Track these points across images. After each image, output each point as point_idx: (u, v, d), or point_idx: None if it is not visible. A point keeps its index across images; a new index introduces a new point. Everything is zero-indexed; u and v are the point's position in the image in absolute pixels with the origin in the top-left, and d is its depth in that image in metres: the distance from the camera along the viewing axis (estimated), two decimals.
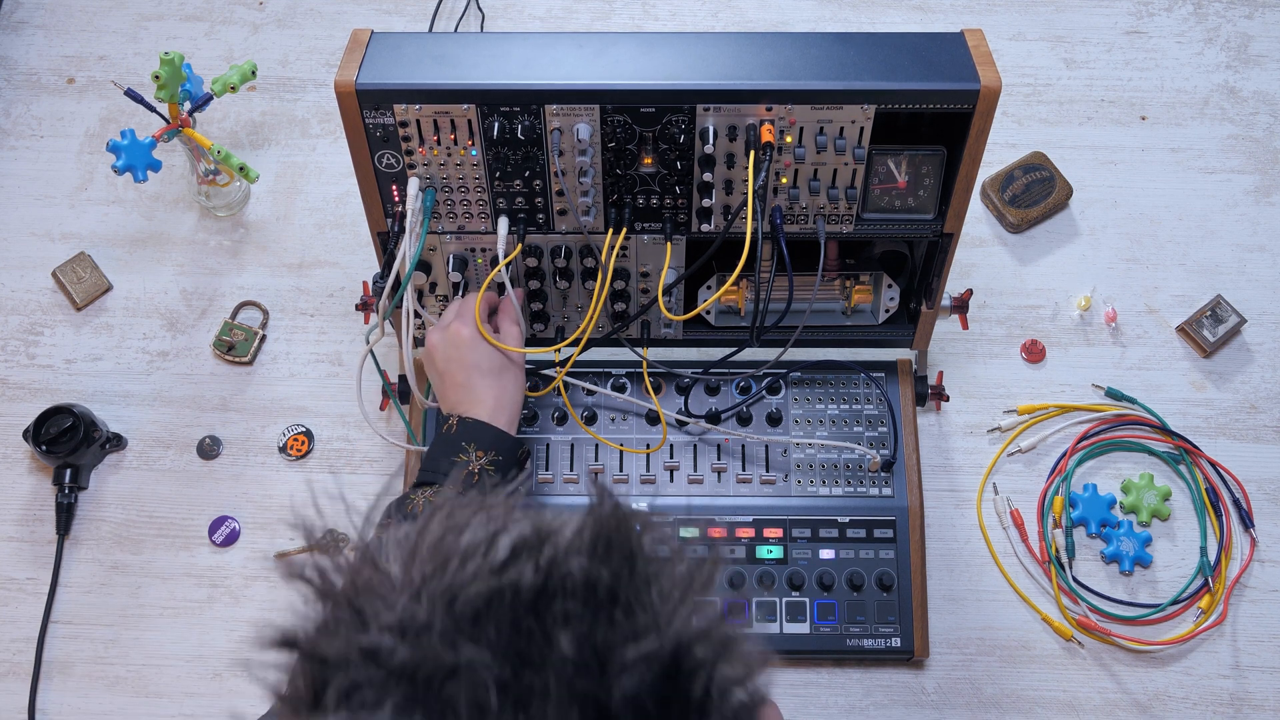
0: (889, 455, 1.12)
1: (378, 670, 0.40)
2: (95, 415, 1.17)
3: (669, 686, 0.41)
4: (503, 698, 0.40)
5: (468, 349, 0.98)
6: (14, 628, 1.12)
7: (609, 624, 0.42)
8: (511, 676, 0.40)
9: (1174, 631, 1.11)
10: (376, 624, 0.41)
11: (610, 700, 0.40)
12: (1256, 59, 1.42)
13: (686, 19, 1.46)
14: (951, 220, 1.01)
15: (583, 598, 0.42)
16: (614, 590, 0.43)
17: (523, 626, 0.41)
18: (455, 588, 0.42)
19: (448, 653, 0.40)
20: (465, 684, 0.40)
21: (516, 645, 0.40)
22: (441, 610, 0.41)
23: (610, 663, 0.41)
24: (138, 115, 1.30)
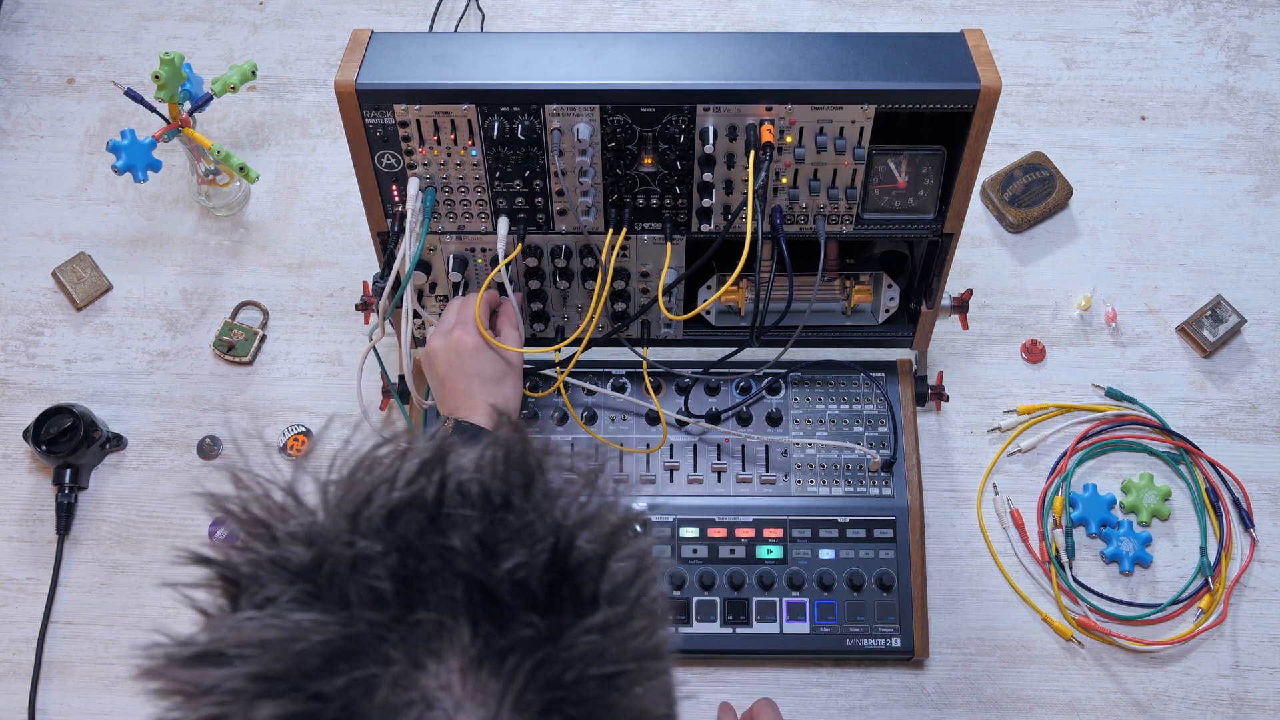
0: (889, 455, 1.12)
1: (284, 574, 0.44)
2: (95, 415, 1.17)
3: (555, 575, 0.44)
4: (395, 585, 0.43)
5: (470, 357, 0.98)
6: (14, 628, 1.12)
7: (499, 523, 0.45)
8: (402, 565, 0.43)
9: (1174, 631, 1.11)
10: (285, 538, 0.45)
11: (495, 583, 0.43)
12: (1256, 59, 1.42)
13: (686, 19, 1.46)
14: (951, 220, 1.01)
15: (479, 505, 0.45)
16: (507, 498, 0.46)
17: (418, 528, 0.44)
18: (359, 504, 0.45)
19: (346, 550, 0.44)
20: (361, 574, 0.43)
21: (410, 542, 0.44)
22: (345, 522, 0.45)
23: (497, 553, 0.44)
24: (138, 115, 1.30)
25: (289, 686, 0.41)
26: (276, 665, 0.42)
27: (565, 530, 0.46)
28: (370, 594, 0.43)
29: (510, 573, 0.44)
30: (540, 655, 0.43)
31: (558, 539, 0.45)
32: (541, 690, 0.42)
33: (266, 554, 0.45)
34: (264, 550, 0.45)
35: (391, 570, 0.43)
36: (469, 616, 0.43)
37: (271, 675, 0.42)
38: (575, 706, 0.43)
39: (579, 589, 0.45)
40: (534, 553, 0.44)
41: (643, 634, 0.46)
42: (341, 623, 0.42)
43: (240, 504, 0.47)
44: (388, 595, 0.43)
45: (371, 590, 0.43)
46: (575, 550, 0.45)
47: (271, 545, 0.45)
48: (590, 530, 0.46)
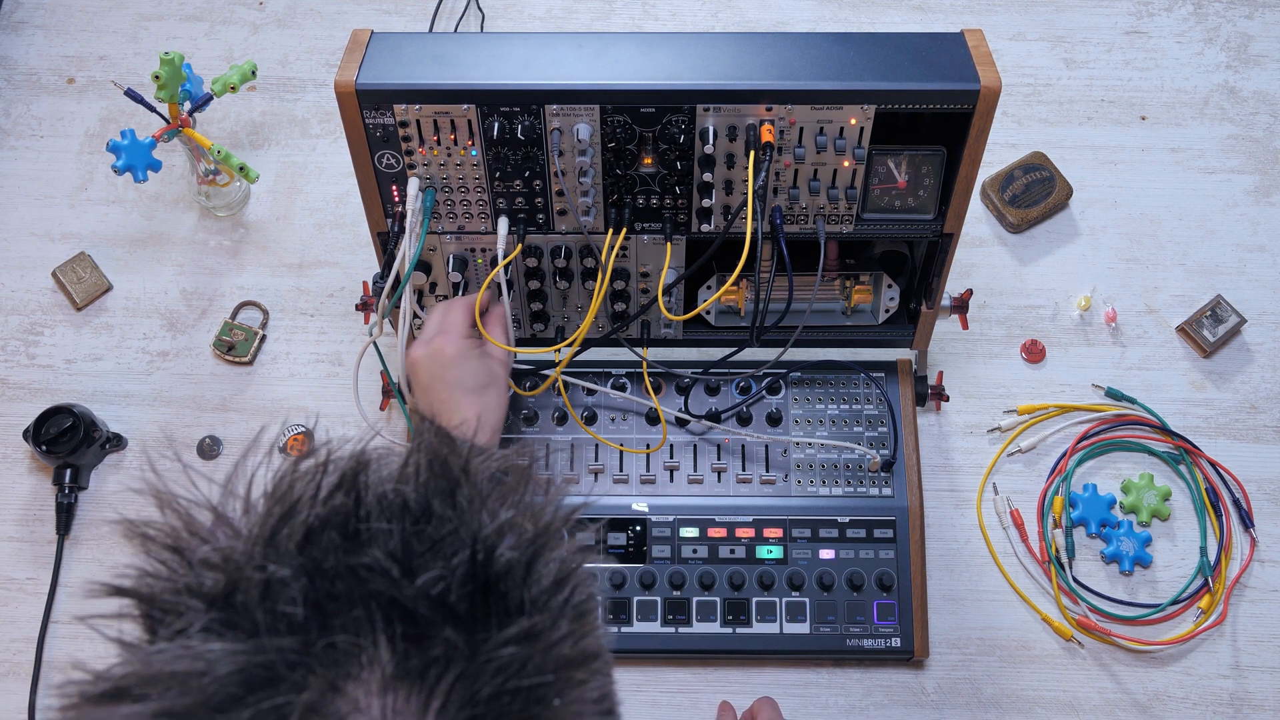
0: (889, 455, 1.12)
1: (198, 602, 0.43)
2: (95, 415, 1.17)
3: (475, 585, 0.43)
4: (307, 609, 0.42)
5: (450, 366, 0.95)
6: (14, 628, 1.12)
7: (417, 536, 0.44)
8: (312, 588, 0.43)
9: (1174, 631, 1.11)
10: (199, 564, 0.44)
11: (410, 601, 0.42)
12: (1256, 59, 1.42)
13: (686, 19, 1.46)
14: (951, 220, 1.01)
15: (398, 516, 0.45)
16: (427, 508, 0.45)
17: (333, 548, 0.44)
18: (276, 525, 0.44)
19: (258, 575, 0.43)
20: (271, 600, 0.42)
21: (322, 564, 0.43)
22: (260, 545, 0.44)
23: (413, 568, 0.43)
24: (138, 115, 1.30)
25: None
26: (185, 699, 0.41)
27: (485, 538, 0.45)
28: (282, 620, 0.42)
29: (426, 588, 0.43)
30: (458, 670, 0.42)
31: (475, 548, 0.44)
32: (461, 706, 0.41)
33: (182, 579, 0.44)
34: (179, 577, 0.44)
35: (304, 594, 0.43)
36: (386, 635, 0.42)
37: (179, 711, 0.41)
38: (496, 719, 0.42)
39: (504, 597, 0.44)
40: (451, 565, 0.43)
41: (567, 640, 0.45)
42: (251, 651, 0.41)
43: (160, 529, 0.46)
44: (299, 620, 0.42)
45: (283, 616, 0.42)
46: (496, 559, 0.44)
47: (187, 571, 0.44)
48: (513, 536, 0.45)
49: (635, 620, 1.07)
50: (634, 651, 1.08)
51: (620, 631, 1.07)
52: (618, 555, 1.09)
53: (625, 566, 1.09)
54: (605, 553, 1.10)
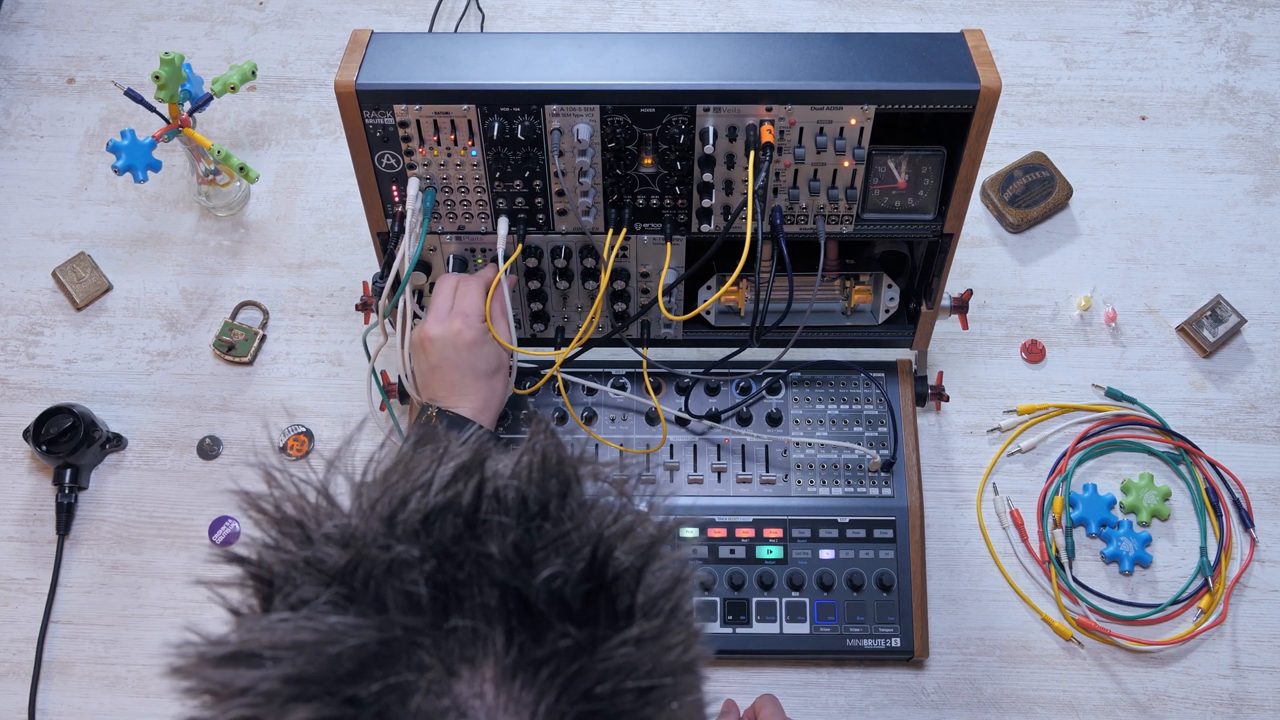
0: (889, 455, 1.12)
1: (319, 575, 0.44)
2: (95, 415, 1.17)
3: (592, 585, 0.44)
4: (431, 590, 0.43)
5: (467, 351, 0.98)
6: (14, 628, 1.12)
7: (536, 532, 0.45)
8: (438, 570, 0.43)
9: (1174, 631, 1.11)
10: (320, 539, 0.45)
11: (531, 592, 0.43)
12: (1256, 59, 1.42)
13: (686, 19, 1.46)
14: (951, 220, 1.01)
15: (515, 513, 0.45)
16: (544, 506, 0.46)
17: (455, 534, 0.44)
18: (395, 507, 0.45)
19: (382, 554, 0.43)
20: (397, 578, 0.43)
21: (447, 547, 0.44)
22: (381, 525, 0.45)
23: (534, 562, 0.44)
24: (138, 115, 1.30)
25: (323, 690, 0.41)
26: (310, 668, 0.41)
27: (603, 541, 0.45)
28: (406, 599, 0.43)
29: (547, 582, 0.43)
30: (575, 667, 0.42)
31: (595, 550, 0.45)
32: (575, 702, 0.42)
33: (301, 555, 0.45)
34: (298, 551, 0.45)
35: (428, 575, 0.43)
36: (504, 625, 0.42)
37: (305, 678, 0.41)
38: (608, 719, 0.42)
39: (615, 600, 0.45)
40: (571, 563, 0.44)
41: (678, 648, 0.45)
42: (377, 627, 0.42)
43: (274, 503, 0.46)
44: (424, 601, 0.43)
45: (407, 595, 0.43)
46: (613, 561, 0.45)
47: (305, 546, 0.45)
48: (628, 542, 0.46)
49: None
50: None
51: None
52: None
53: None
54: None
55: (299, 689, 0.41)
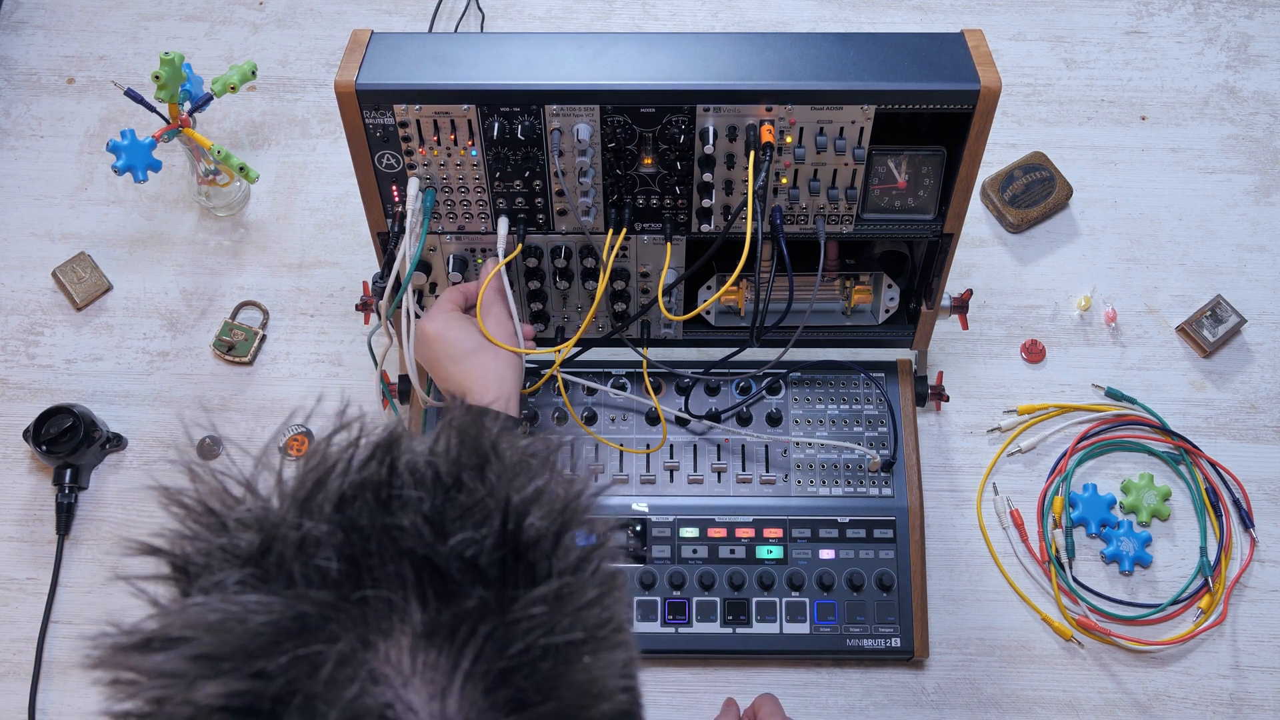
0: (889, 455, 1.12)
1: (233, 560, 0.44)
2: (95, 415, 1.17)
3: (506, 551, 0.45)
4: (342, 564, 0.43)
5: (434, 343, 0.99)
6: (14, 628, 1.12)
7: (449, 503, 0.45)
8: (348, 544, 0.44)
9: (1174, 631, 1.11)
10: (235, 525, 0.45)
11: (442, 560, 0.43)
12: (1256, 59, 1.42)
13: (686, 19, 1.46)
14: (951, 220, 1.01)
15: (428, 487, 0.46)
16: (459, 478, 0.46)
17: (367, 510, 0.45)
18: (311, 489, 0.45)
19: (293, 533, 0.44)
20: (308, 554, 0.43)
21: (358, 523, 0.44)
22: (295, 507, 0.45)
23: (446, 532, 0.44)
24: (138, 115, 1.30)
25: (231, 666, 0.41)
26: (219, 645, 0.42)
27: (516, 506, 0.46)
28: (317, 574, 0.43)
29: (458, 549, 0.44)
30: (488, 628, 0.43)
31: (506, 516, 0.45)
32: (491, 662, 0.42)
33: (216, 542, 0.45)
34: (213, 538, 0.45)
35: (338, 550, 0.44)
36: (418, 594, 0.43)
37: (213, 655, 0.41)
38: (525, 678, 0.43)
39: (533, 566, 0.45)
40: (482, 530, 0.45)
41: (594, 605, 0.46)
42: (287, 602, 0.42)
43: (195, 496, 0.47)
44: (334, 574, 0.43)
45: (318, 570, 0.43)
46: (526, 527, 0.46)
47: (221, 533, 0.45)
48: (542, 507, 0.47)
49: (635, 620, 1.07)
50: None
51: None
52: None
53: (625, 566, 1.09)
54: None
55: (207, 666, 0.41)
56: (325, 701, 0.40)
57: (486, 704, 0.42)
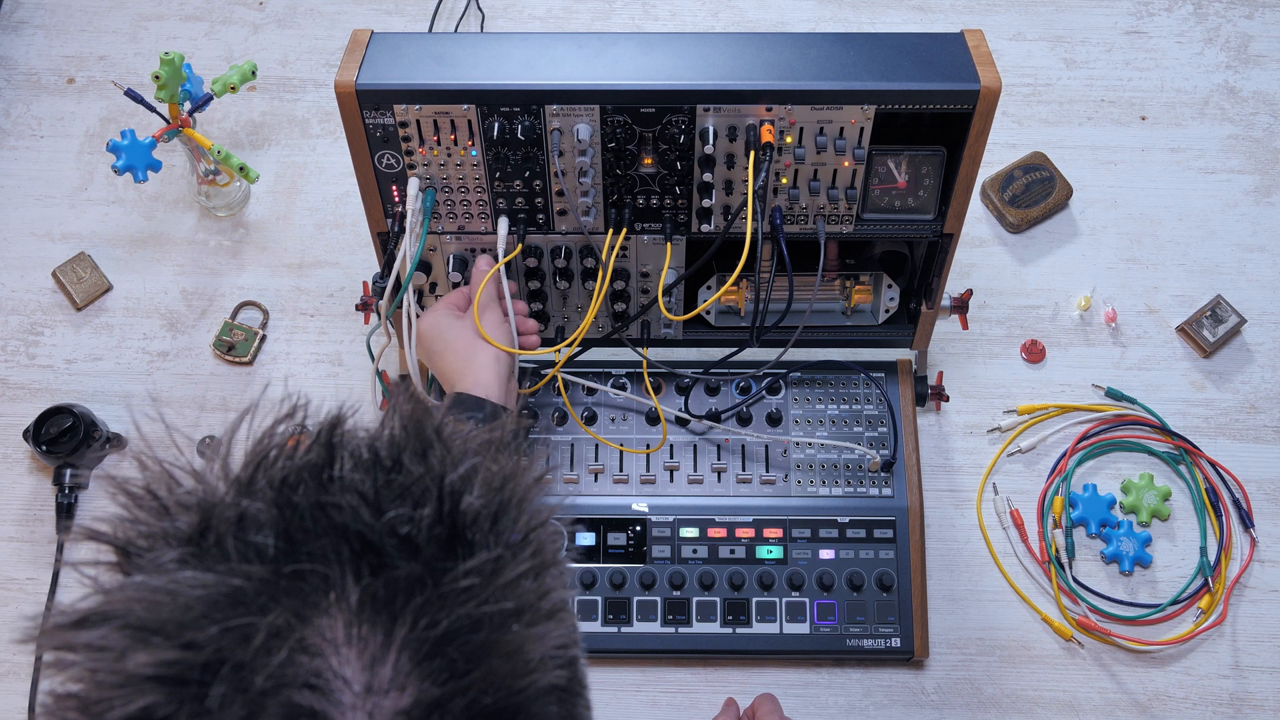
0: (889, 455, 1.12)
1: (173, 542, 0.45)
2: (95, 415, 1.17)
3: (443, 529, 0.46)
4: (278, 541, 0.44)
5: (428, 341, 1.01)
6: (14, 628, 1.12)
7: (387, 485, 0.46)
8: (282, 519, 0.44)
9: (1174, 631, 1.11)
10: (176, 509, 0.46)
11: (376, 535, 0.44)
12: (1256, 59, 1.42)
13: (686, 19, 1.46)
14: (951, 220, 1.01)
15: (368, 468, 0.47)
16: (398, 461, 0.47)
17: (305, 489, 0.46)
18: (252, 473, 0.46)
19: (231, 511, 0.45)
20: (244, 531, 0.44)
21: (294, 501, 0.45)
22: (234, 489, 0.46)
23: (382, 510, 0.45)
24: (138, 115, 1.30)
25: (161, 637, 0.42)
26: (149, 618, 0.42)
27: (452, 485, 0.46)
28: (253, 550, 0.44)
29: (392, 524, 0.45)
30: (421, 599, 0.43)
31: (442, 495, 0.46)
32: (424, 631, 0.43)
33: (158, 525, 0.46)
34: (155, 522, 0.46)
35: (275, 527, 0.44)
36: (353, 569, 0.44)
37: (144, 626, 0.42)
38: (457, 648, 0.43)
39: (471, 545, 0.46)
40: (421, 510, 0.45)
41: (527, 577, 0.47)
42: (220, 577, 0.43)
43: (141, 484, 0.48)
44: (270, 551, 0.44)
45: (254, 547, 0.44)
46: (463, 507, 0.46)
47: (163, 517, 0.46)
48: (479, 487, 0.47)
49: (635, 620, 1.07)
50: (634, 651, 1.08)
51: (620, 631, 1.07)
52: (618, 555, 1.09)
53: (625, 566, 1.09)
54: (604, 553, 1.10)
55: (137, 636, 0.42)
56: (253, 670, 0.41)
57: (419, 673, 0.42)
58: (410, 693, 0.42)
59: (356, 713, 0.41)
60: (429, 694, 0.42)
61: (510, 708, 0.44)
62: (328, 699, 0.41)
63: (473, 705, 0.43)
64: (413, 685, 0.42)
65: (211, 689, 0.41)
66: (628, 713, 1.08)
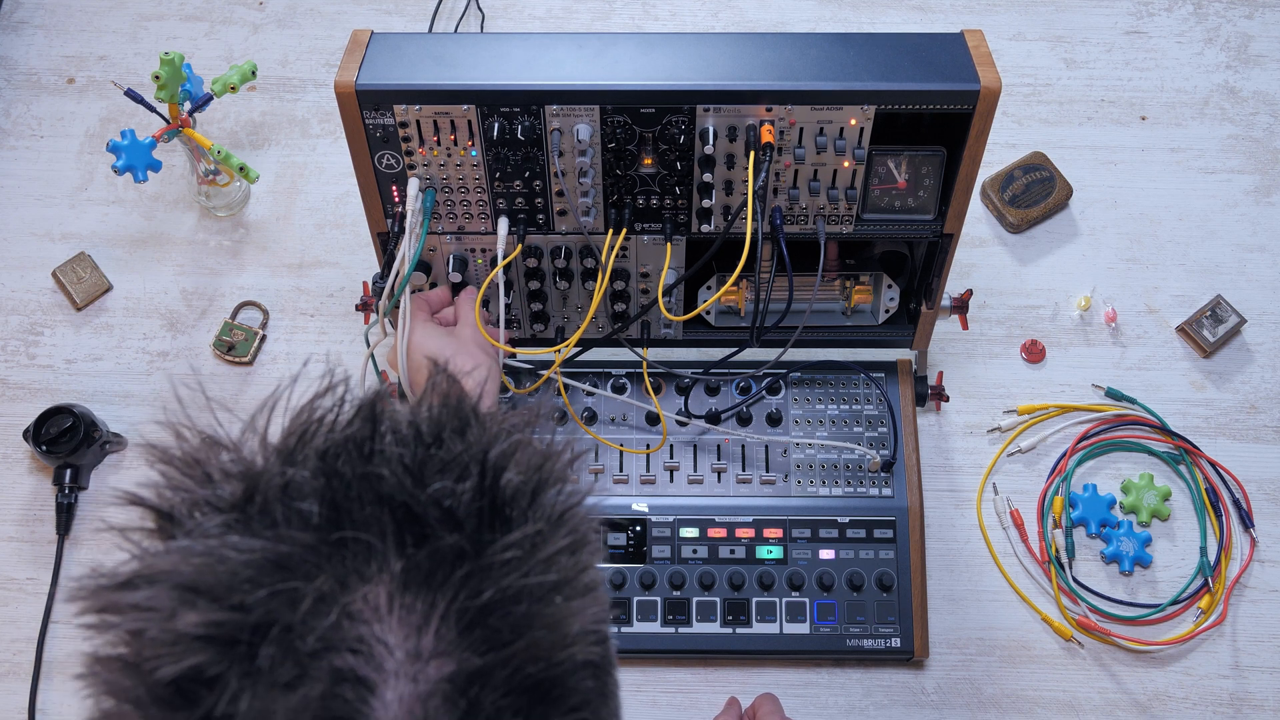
0: (889, 455, 1.12)
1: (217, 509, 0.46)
2: (95, 415, 1.17)
3: (483, 503, 0.46)
4: (323, 509, 0.45)
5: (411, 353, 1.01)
6: (14, 628, 1.12)
7: (429, 458, 0.47)
8: (329, 488, 0.45)
9: (1174, 631, 1.11)
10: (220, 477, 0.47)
11: (420, 507, 0.45)
12: (1256, 59, 1.42)
13: (686, 19, 1.46)
14: (951, 220, 1.01)
15: (409, 442, 0.47)
16: (439, 436, 0.48)
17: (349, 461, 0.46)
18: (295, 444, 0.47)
19: (277, 480, 0.45)
20: (290, 498, 0.45)
21: (339, 470, 0.46)
22: (278, 458, 0.47)
23: (425, 481, 0.46)
24: (138, 115, 1.30)
25: (210, 598, 0.42)
26: (198, 580, 0.43)
27: (493, 462, 0.47)
28: (298, 517, 0.45)
29: (436, 496, 0.45)
30: (464, 570, 0.44)
31: (484, 468, 0.47)
32: (466, 602, 0.43)
33: (201, 493, 0.46)
34: (198, 489, 0.47)
35: (320, 495, 0.45)
36: (396, 539, 0.44)
37: (194, 587, 0.43)
38: (499, 618, 0.44)
39: (509, 520, 0.47)
40: (462, 484, 0.46)
41: (567, 552, 0.47)
42: (268, 543, 0.44)
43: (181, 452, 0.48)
44: (315, 519, 0.44)
45: (299, 513, 0.45)
46: (504, 482, 0.47)
47: (206, 484, 0.47)
48: (519, 464, 0.48)
49: (635, 620, 1.07)
50: (634, 651, 1.08)
51: (620, 631, 1.07)
52: (618, 555, 1.10)
53: (625, 566, 1.09)
54: (605, 552, 1.10)
55: (187, 597, 0.42)
56: (301, 633, 0.42)
57: (461, 642, 0.43)
58: (453, 661, 0.42)
59: (400, 679, 0.42)
60: (471, 663, 0.43)
61: (550, 679, 0.45)
62: (370, 664, 0.42)
63: (514, 675, 0.43)
64: (455, 654, 0.43)
65: (261, 649, 0.42)
66: (628, 713, 1.08)
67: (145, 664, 0.42)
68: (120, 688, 0.43)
